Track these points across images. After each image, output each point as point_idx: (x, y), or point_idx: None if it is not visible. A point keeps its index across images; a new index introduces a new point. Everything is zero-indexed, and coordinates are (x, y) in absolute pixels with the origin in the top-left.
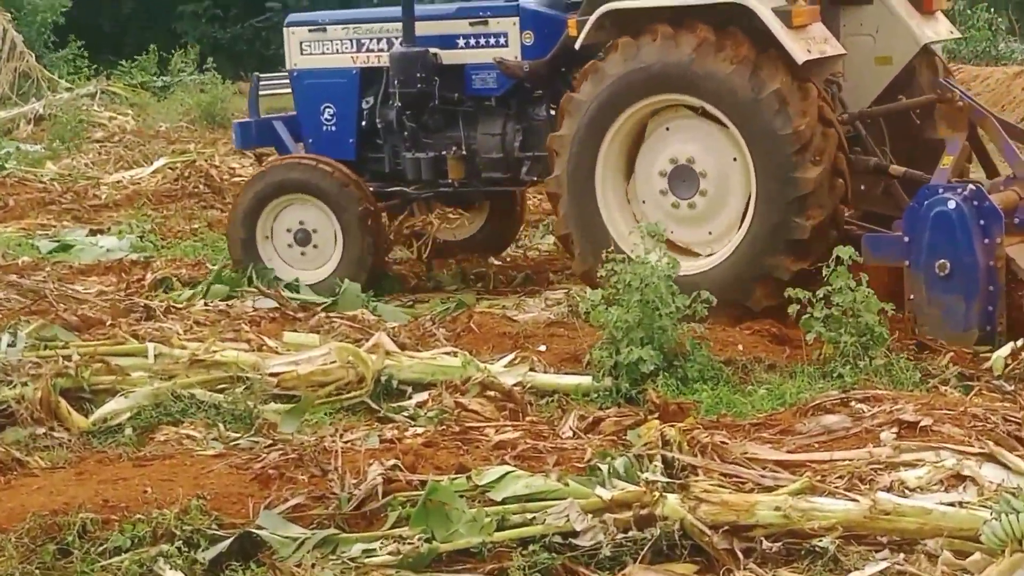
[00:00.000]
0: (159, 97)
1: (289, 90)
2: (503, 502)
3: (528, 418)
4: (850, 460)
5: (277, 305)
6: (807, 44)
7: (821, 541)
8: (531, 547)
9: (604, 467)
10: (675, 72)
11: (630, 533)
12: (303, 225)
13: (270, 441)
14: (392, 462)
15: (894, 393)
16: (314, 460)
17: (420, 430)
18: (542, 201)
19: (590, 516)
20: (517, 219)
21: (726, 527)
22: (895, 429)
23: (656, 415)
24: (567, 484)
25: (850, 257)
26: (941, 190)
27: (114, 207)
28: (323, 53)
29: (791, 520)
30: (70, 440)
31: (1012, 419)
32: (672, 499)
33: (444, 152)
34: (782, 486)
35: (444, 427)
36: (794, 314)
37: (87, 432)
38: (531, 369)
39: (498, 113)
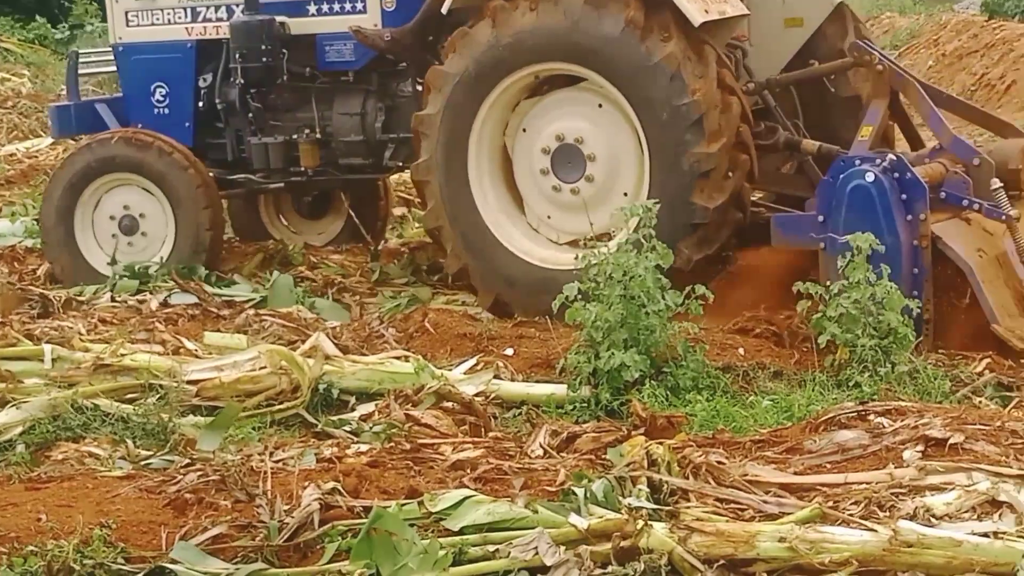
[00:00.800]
0: (60, 55)
1: (114, 68)
2: (461, 532)
3: (491, 434)
4: (868, 483)
5: (197, 301)
6: (704, 3)
7: None
8: None
9: (580, 491)
10: (556, 38)
11: (609, 568)
12: (128, 211)
13: (187, 460)
14: (331, 485)
15: (920, 405)
16: (239, 483)
17: (364, 448)
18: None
19: (563, 549)
20: (383, 211)
21: (722, 561)
22: (920, 447)
23: (641, 430)
24: (536, 511)
25: None
26: (858, 162)
27: (6, 184)
28: (153, 24)
29: (798, 553)
30: None
31: None
32: (659, 529)
33: (295, 136)
34: (788, 514)
35: (392, 444)
36: (803, 312)
37: None
38: (496, 376)
39: (356, 90)
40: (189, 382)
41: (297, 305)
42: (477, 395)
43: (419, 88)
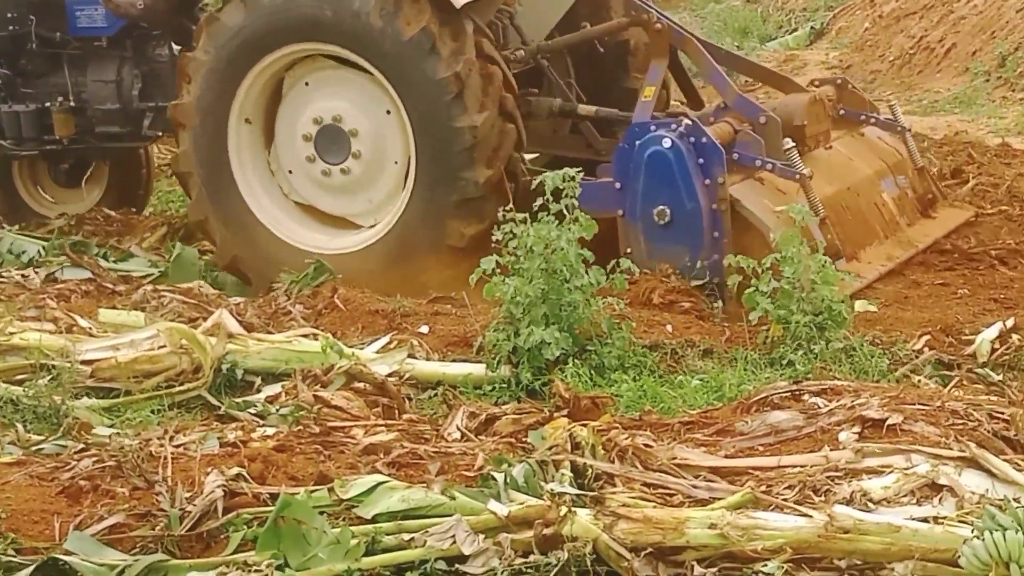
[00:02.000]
0: None
1: None
2: (374, 520)
3: (406, 416)
4: (802, 467)
5: (91, 276)
6: None
7: (766, 566)
8: (408, 575)
9: (499, 476)
10: (306, 17)
11: (531, 557)
12: None
13: (82, 445)
14: (235, 471)
15: (856, 384)
16: (137, 469)
17: (271, 431)
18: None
19: (482, 537)
20: (145, 180)
21: (650, 549)
22: (857, 428)
23: (564, 412)
24: (453, 497)
25: None
26: (653, 127)
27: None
28: None
29: (729, 540)
30: None
31: (999, 416)
32: (583, 515)
33: (48, 104)
34: (719, 499)
35: (301, 427)
36: (734, 287)
37: None
38: (410, 356)
39: (111, 56)
40: (83, 362)
41: (199, 280)
42: (390, 375)
43: (175, 53)
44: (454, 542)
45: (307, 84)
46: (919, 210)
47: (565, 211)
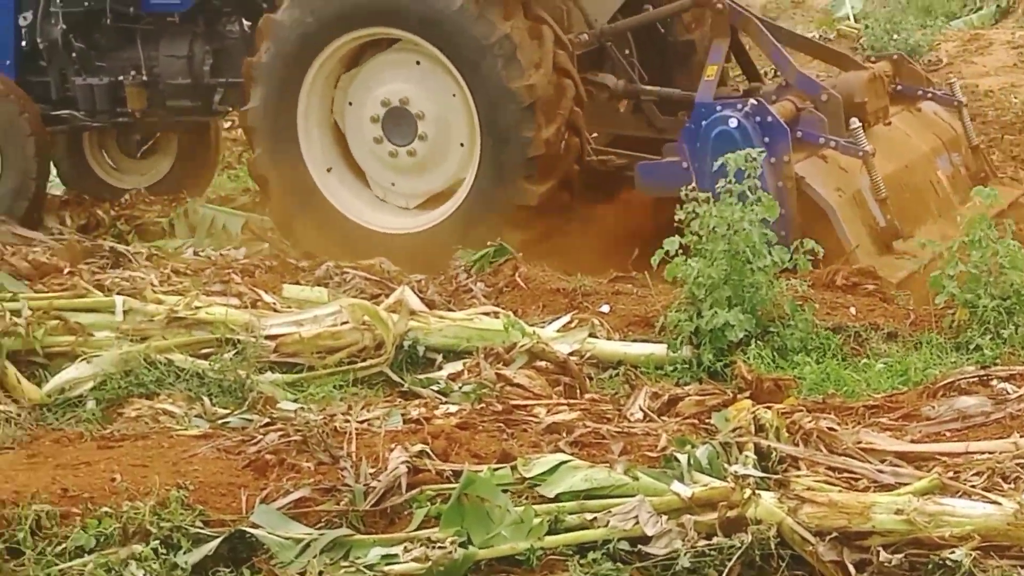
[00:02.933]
0: None
1: None
2: (557, 499)
3: (588, 395)
4: (990, 453)
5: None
6: None
7: (953, 553)
8: (591, 555)
9: (683, 458)
10: (391, 4)
11: (714, 540)
12: None
13: (267, 420)
14: (419, 448)
15: None
16: (322, 444)
17: (453, 408)
18: None
19: (665, 518)
20: (212, 157)
21: (834, 534)
22: None
23: (748, 394)
24: (636, 478)
25: None
26: (719, 107)
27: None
28: None
29: (916, 527)
30: (19, 415)
31: None
32: (767, 498)
33: (121, 78)
34: (905, 484)
35: (483, 405)
36: (921, 271)
37: (41, 405)
38: (591, 334)
39: (184, 32)
40: (267, 337)
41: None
42: (572, 354)
43: (247, 30)
44: (637, 523)
45: (366, 71)
46: (972, 187)
47: (748, 192)
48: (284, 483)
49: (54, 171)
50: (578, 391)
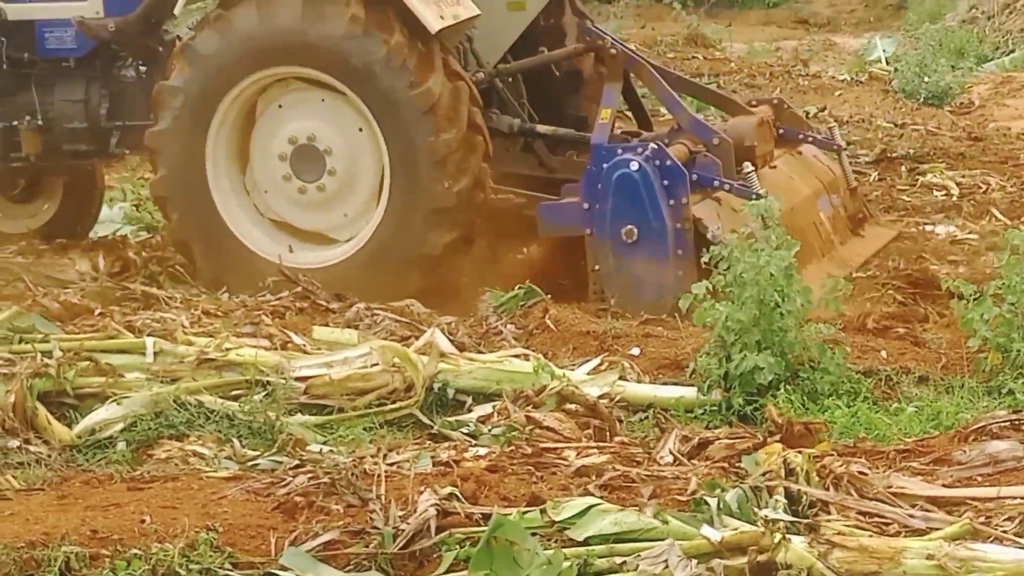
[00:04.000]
0: None
1: None
2: (586, 542)
3: (618, 438)
4: (1022, 498)
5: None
6: (439, 8)
7: None
8: None
9: (712, 501)
10: (283, 42)
11: None
12: None
13: (296, 461)
14: (448, 490)
15: None
16: (351, 486)
17: (483, 451)
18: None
19: (694, 562)
20: (97, 196)
21: None
22: None
23: (778, 437)
24: (666, 521)
25: None
26: (620, 151)
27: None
28: None
29: (947, 572)
30: (50, 455)
31: None
32: (798, 543)
33: (16, 122)
34: (936, 529)
35: (513, 448)
36: (958, 313)
37: (71, 446)
38: (621, 377)
39: (79, 76)
40: (297, 379)
41: (409, 299)
42: (601, 397)
43: (143, 72)
44: (666, 567)
45: (280, 106)
46: (850, 228)
47: (774, 237)
48: (313, 525)
49: None
50: (608, 434)
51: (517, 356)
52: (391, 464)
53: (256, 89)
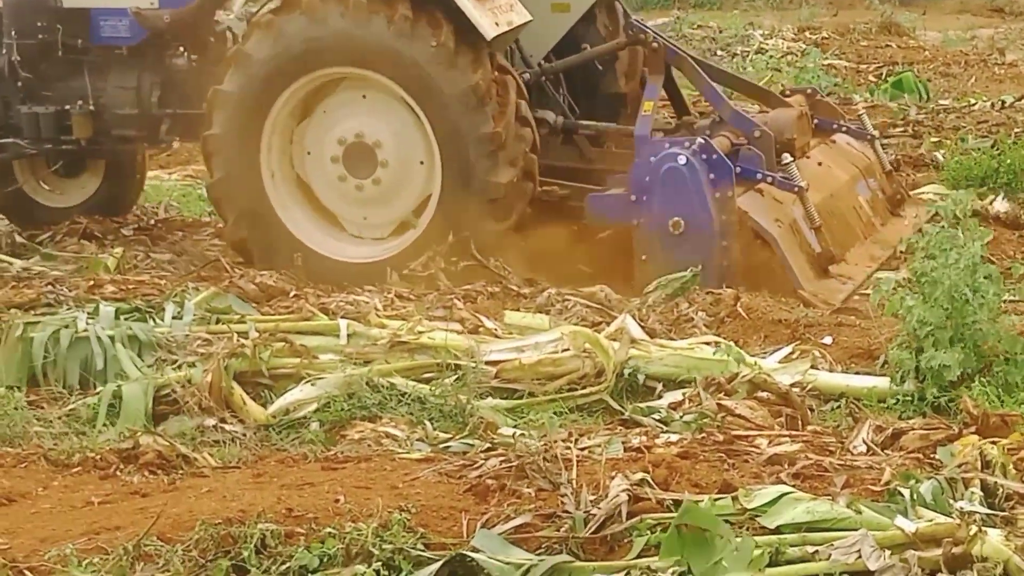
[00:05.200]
0: None
1: None
2: (778, 530)
3: (810, 427)
4: None
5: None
6: (494, 15)
7: None
8: None
9: (906, 492)
10: (366, 46)
11: None
12: None
13: (488, 444)
14: (639, 476)
15: None
16: (542, 470)
17: (674, 437)
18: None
19: (888, 553)
20: (137, 180)
21: None
22: None
23: (973, 429)
24: (859, 511)
25: None
26: (668, 144)
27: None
28: None
29: None
30: (245, 434)
31: None
32: (994, 535)
33: (68, 107)
34: None
35: (704, 435)
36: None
37: (265, 425)
38: (813, 366)
39: (132, 64)
40: (488, 363)
41: (601, 285)
42: (793, 385)
43: (195, 63)
44: (859, 557)
45: (324, 111)
46: (890, 210)
47: (963, 233)
48: (505, 508)
49: None
50: (800, 423)
51: (708, 343)
52: (582, 449)
53: (308, 91)
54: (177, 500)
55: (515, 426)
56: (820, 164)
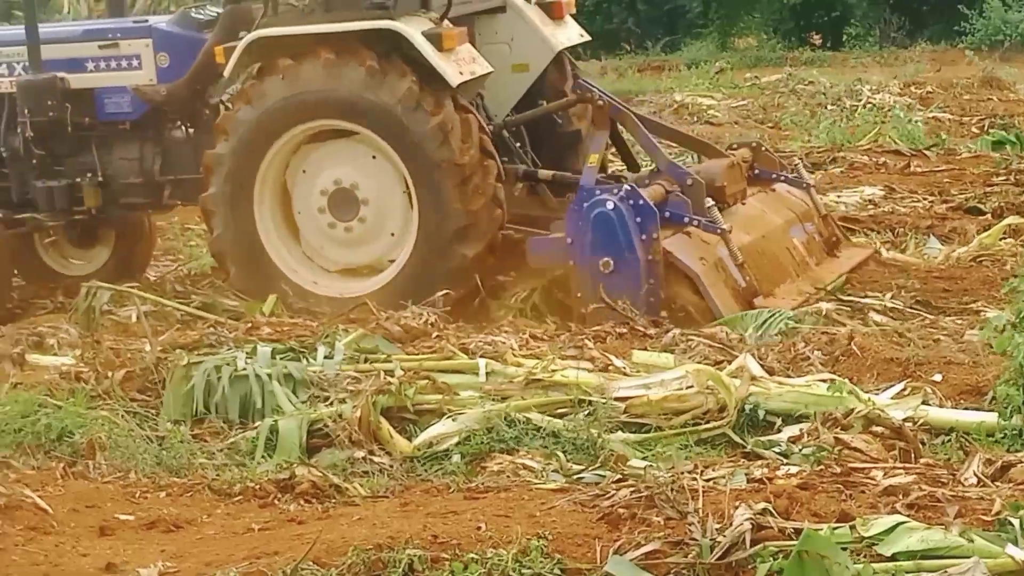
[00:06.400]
0: None
1: None
2: (893, 558)
3: (922, 460)
4: None
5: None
6: (459, 66)
7: None
8: None
9: (1016, 522)
10: (339, 98)
11: None
12: None
13: (619, 476)
14: (762, 505)
15: None
16: (670, 500)
17: (794, 470)
18: None
19: None
20: (148, 242)
21: None
22: None
23: None
24: (971, 540)
25: None
26: (599, 192)
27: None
28: None
29: None
30: (392, 466)
31: None
32: None
33: (79, 179)
34: None
35: (822, 467)
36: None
37: (411, 457)
38: (924, 402)
39: (135, 137)
40: (617, 399)
41: (722, 326)
42: (906, 420)
43: (191, 132)
44: None
45: (304, 171)
46: (826, 251)
47: None
48: (636, 535)
49: None
50: (913, 456)
51: (824, 381)
52: (707, 480)
53: (290, 148)
54: (330, 527)
55: (644, 458)
56: (759, 209)
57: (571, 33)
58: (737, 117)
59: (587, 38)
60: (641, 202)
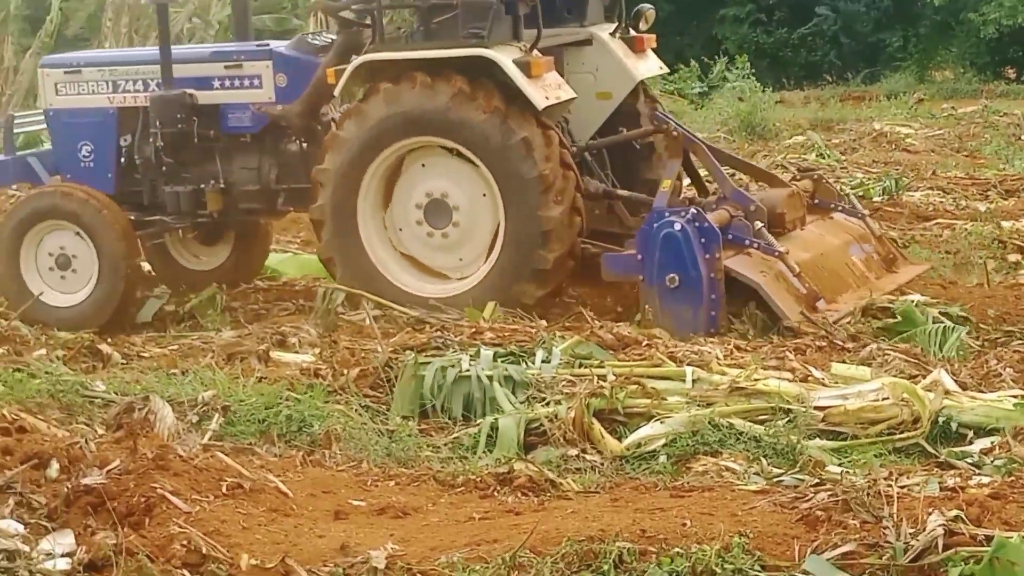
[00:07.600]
0: (698, 105)
1: (44, 127)
2: None
3: None
4: None
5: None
6: (545, 91)
7: None
8: None
9: None
10: (433, 117)
11: None
12: (63, 251)
13: (817, 480)
14: (954, 513)
15: None
16: (866, 504)
17: (986, 480)
18: None
19: None
20: (264, 247)
21: None
22: None
23: None
24: None
25: None
26: (667, 214)
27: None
28: (79, 94)
29: None
30: (603, 464)
31: None
32: None
33: (203, 185)
34: None
35: (1013, 478)
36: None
37: (620, 457)
38: None
39: (254, 149)
40: (816, 408)
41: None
42: None
43: (304, 147)
44: None
45: (423, 165)
46: (884, 267)
47: None
48: (832, 537)
49: None
50: None
51: (1015, 396)
52: (902, 487)
53: (391, 162)
54: (545, 519)
55: (840, 465)
56: (818, 233)
57: (651, 65)
58: (934, 146)
59: (666, 70)
60: (706, 224)
